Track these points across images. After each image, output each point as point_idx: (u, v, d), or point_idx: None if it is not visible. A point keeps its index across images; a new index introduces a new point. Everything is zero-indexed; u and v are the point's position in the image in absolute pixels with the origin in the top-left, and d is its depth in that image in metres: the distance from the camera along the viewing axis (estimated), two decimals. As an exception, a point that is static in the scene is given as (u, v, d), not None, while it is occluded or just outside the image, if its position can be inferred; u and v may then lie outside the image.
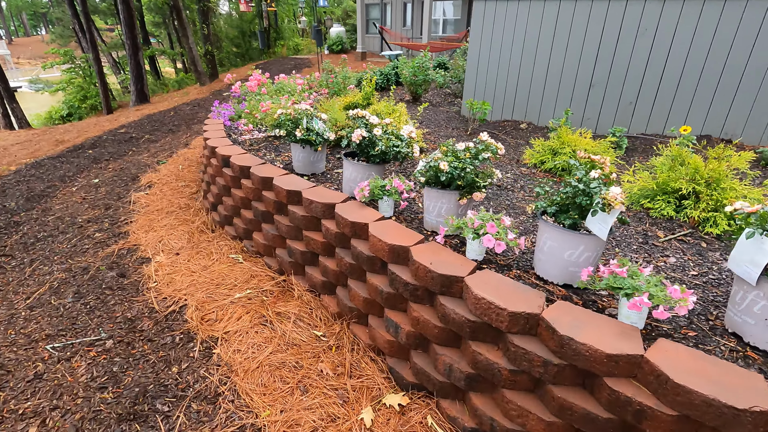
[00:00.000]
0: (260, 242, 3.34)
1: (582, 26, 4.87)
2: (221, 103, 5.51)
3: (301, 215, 2.87)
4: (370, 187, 2.69)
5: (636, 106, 4.88)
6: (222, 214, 3.84)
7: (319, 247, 2.81)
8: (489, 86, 5.73)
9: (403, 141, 3.04)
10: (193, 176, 5.57)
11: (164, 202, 4.67)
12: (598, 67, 4.93)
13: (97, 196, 5.13)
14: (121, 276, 3.32)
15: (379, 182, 2.69)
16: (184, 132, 8.21)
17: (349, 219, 2.49)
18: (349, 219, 2.49)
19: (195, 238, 3.79)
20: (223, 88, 14.56)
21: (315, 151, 3.54)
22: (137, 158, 6.69)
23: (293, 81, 6.39)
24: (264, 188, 3.24)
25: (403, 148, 2.99)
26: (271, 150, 4.21)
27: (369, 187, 2.69)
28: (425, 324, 2.05)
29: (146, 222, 4.22)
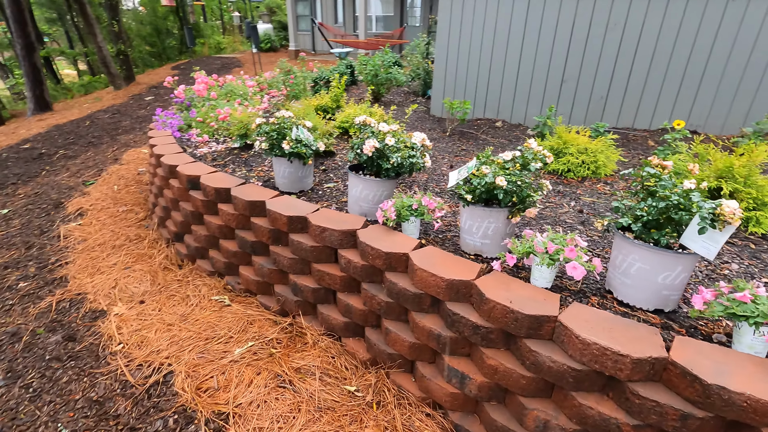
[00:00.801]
0: (251, 279, 2.78)
1: (553, 21, 4.81)
2: (164, 110, 4.72)
3: (310, 246, 2.39)
4: (396, 208, 2.29)
5: (607, 101, 4.93)
6: (192, 246, 3.19)
7: (337, 283, 2.36)
8: (459, 84, 5.52)
9: (416, 150, 2.67)
10: (135, 198, 4.73)
11: (106, 233, 3.85)
12: (569, 62, 4.91)
13: (10, 232, 4.13)
14: (69, 340, 2.59)
15: (405, 201, 2.30)
16: (109, 145, 7.09)
17: (382, 249, 2.08)
18: (382, 249, 2.08)
19: (160, 279, 3.11)
20: (143, 91, 13.09)
21: (303, 165, 3.05)
22: (54, 179, 5.59)
23: (240, 83, 5.71)
24: (253, 214, 2.69)
25: (418, 159, 2.62)
26: (239, 164, 3.61)
27: (395, 207, 2.29)
28: (507, 374, 1.71)
29: (87, 262, 3.42)
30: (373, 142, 2.50)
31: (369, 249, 2.13)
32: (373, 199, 2.59)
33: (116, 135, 7.64)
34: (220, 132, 4.35)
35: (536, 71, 5.09)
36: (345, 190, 3.16)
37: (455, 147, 4.36)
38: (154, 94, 12.21)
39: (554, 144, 3.59)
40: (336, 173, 3.48)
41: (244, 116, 3.83)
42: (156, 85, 13.92)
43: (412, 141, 2.67)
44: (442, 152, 4.12)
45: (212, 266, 3.09)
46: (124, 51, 14.65)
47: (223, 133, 4.34)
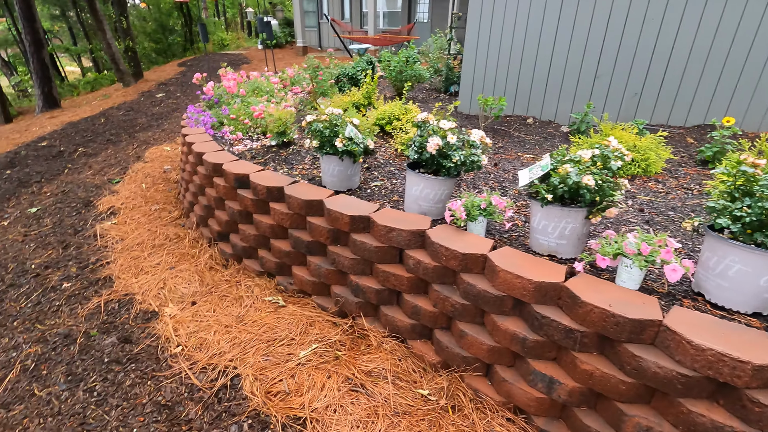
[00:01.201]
0: (306, 279, 2.73)
1: (587, 15, 4.74)
2: (205, 111, 4.65)
3: (375, 246, 2.34)
4: (466, 207, 2.24)
5: (641, 97, 4.87)
6: (238, 246, 3.14)
7: (403, 284, 2.31)
8: (488, 80, 5.46)
9: (477, 149, 2.61)
10: (165, 196, 4.67)
11: (143, 232, 3.80)
12: (603, 57, 4.84)
13: (44, 231, 4.08)
14: (125, 342, 2.54)
15: (476, 200, 2.25)
16: (128, 142, 7.02)
17: (459, 250, 2.03)
18: (459, 250, 2.03)
19: (208, 279, 3.06)
20: (152, 88, 13.01)
21: (353, 163, 3.00)
22: (78, 177, 5.54)
23: (263, 79, 5.64)
24: (309, 213, 2.64)
25: (479, 158, 2.56)
26: (279, 162, 3.56)
27: (464, 207, 2.24)
28: (603, 379, 1.66)
29: (129, 262, 3.37)
30: (437, 140, 2.44)
31: (443, 250, 2.08)
32: (434, 198, 2.54)
33: (134, 132, 7.57)
34: (254, 129, 4.29)
35: (569, 67, 5.02)
36: (393, 188, 3.11)
37: (492, 144, 4.30)
38: (164, 91, 12.13)
39: (599, 141, 3.53)
40: (380, 171, 3.43)
41: (283, 113, 3.77)
42: (165, 82, 13.84)
43: (471, 139, 2.62)
44: (481, 150, 4.06)
45: (261, 266, 3.04)
46: (132, 48, 14.54)
47: (257, 130, 4.28)
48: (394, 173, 3.40)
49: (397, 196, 2.98)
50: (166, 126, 7.77)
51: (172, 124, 7.88)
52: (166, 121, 8.20)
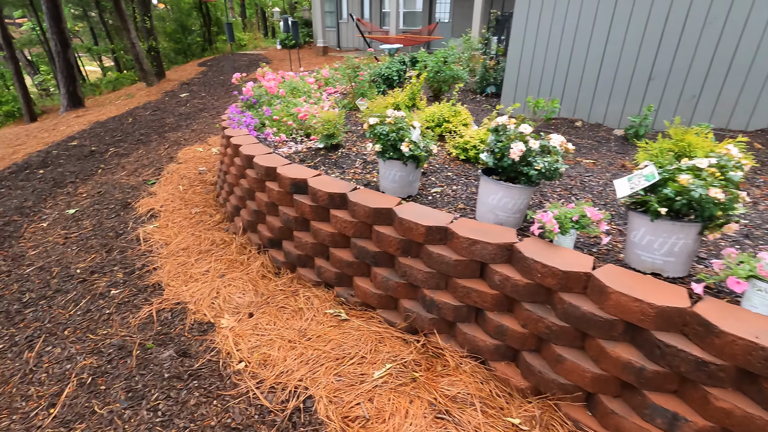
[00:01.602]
0: (370, 291, 2.58)
1: (644, 14, 4.51)
2: (244, 111, 4.53)
3: (454, 259, 2.17)
4: (559, 220, 2.06)
5: (699, 100, 4.63)
6: (293, 254, 3.00)
7: (486, 302, 2.14)
8: (534, 80, 5.26)
9: (558, 155, 2.43)
10: (203, 199, 4.56)
11: (187, 237, 3.68)
12: (659, 58, 4.61)
13: (84, 234, 3.99)
14: (183, 355, 2.41)
15: (568, 211, 2.07)
16: (159, 142, 6.96)
17: (558, 267, 1.85)
18: (558, 267, 1.85)
19: (262, 288, 2.92)
20: (175, 88, 13.02)
21: (416, 169, 2.84)
22: (113, 178, 5.47)
23: (299, 79, 5.52)
24: (377, 222, 2.48)
25: (561, 165, 2.38)
26: (330, 166, 3.41)
27: (556, 219, 2.06)
28: (745, 419, 1.47)
29: (177, 268, 3.25)
30: (521, 146, 2.27)
31: (538, 266, 1.91)
32: (512, 208, 2.37)
33: (163, 132, 7.51)
34: (297, 131, 4.16)
35: (621, 68, 4.80)
36: (455, 195, 2.94)
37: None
38: (188, 91, 12.12)
39: (671, 147, 3.32)
40: (436, 176, 3.26)
41: (331, 115, 3.63)
42: (187, 82, 13.85)
43: (551, 144, 2.44)
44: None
45: (318, 276, 2.89)
46: (156, 48, 14.60)
47: (300, 132, 4.15)
48: (451, 179, 3.23)
49: (462, 203, 2.81)
50: (195, 126, 7.70)
51: (201, 124, 7.81)
52: (195, 121, 8.14)
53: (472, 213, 2.67)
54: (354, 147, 3.88)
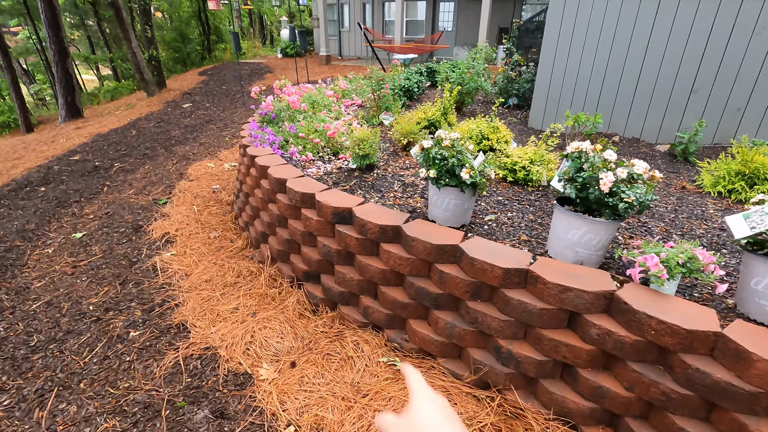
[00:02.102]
0: (429, 338, 2.28)
1: (687, 24, 4.29)
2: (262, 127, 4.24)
3: (539, 308, 1.88)
4: (666, 264, 1.78)
5: (744, 113, 4.39)
6: (333, 290, 2.69)
7: (580, 358, 1.84)
8: (566, 93, 5.01)
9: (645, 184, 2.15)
10: (220, 221, 4.26)
11: (208, 267, 3.37)
12: (702, 69, 4.38)
13: (94, 262, 3.67)
14: (220, 417, 2.10)
15: (675, 253, 1.79)
16: (166, 157, 6.65)
17: (680, 326, 1.56)
18: (680, 326, 1.56)
19: (301, 330, 2.61)
20: (177, 98, 12.74)
21: (471, 196, 2.56)
22: (120, 197, 5.15)
23: (315, 91, 5.25)
24: (439, 260, 2.19)
25: (650, 197, 2.11)
26: (367, 189, 3.13)
27: (664, 263, 1.78)
28: None
29: (201, 304, 2.94)
30: (611, 176, 1.99)
31: (652, 322, 1.62)
32: (596, 245, 2.09)
33: (170, 146, 7.20)
34: (325, 149, 3.87)
35: (660, 80, 4.57)
36: (513, 224, 2.66)
37: None
38: (191, 101, 11.83)
39: (739, 168, 3.06)
40: (486, 201, 2.98)
41: (366, 133, 3.35)
42: (189, 91, 13.58)
43: (635, 171, 2.16)
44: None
45: (365, 316, 2.58)
46: (156, 57, 14.33)
47: (328, 150, 3.86)
48: (503, 204, 2.95)
49: (524, 234, 2.53)
50: (203, 139, 7.40)
51: (208, 137, 7.51)
52: (202, 133, 7.84)
53: (539, 245, 2.39)
54: (388, 167, 3.59)
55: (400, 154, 3.95)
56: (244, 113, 8.96)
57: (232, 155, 6.31)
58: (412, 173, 3.48)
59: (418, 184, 3.26)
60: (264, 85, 13.61)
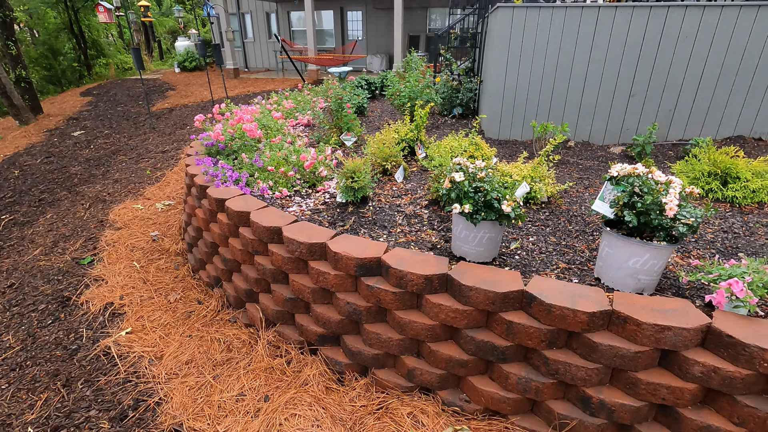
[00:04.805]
0: (498, 395, 2.01)
1: (621, 35, 4.61)
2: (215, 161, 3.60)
3: (634, 351, 1.73)
4: (754, 288, 1.74)
5: (674, 114, 4.86)
6: (365, 354, 2.29)
7: (682, 398, 1.72)
8: (519, 102, 5.11)
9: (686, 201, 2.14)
10: (175, 278, 3.56)
11: (185, 342, 2.74)
12: (637, 76, 4.75)
13: (12, 359, 2.78)
14: None
15: (760, 275, 1.76)
16: (73, 201, 5.51)
17: (797, 354, 1.51)
18: (797, 354, 1.51)
19: (336, 409, 2.16)
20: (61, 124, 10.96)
21: (505, 228, 2.37)
22: (24, 260, 4.09)
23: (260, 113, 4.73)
24: (503, 308, 1.94)
25: (708, 214, 2.09)
26: (369, 226, 2.80)
27: (751, 287, 1.74)
28: None
29: (193, 396, 2.33)
30: (675, 201, 1.92)
31: (765, 354, 1.55)
32: (658, 270, 2.02)
33: (74, 187, 6.00)
34: (299, 182, 3.41)
35: (603, 87, 4.87)
36: (540, 250, 2.53)
37: (554, 175, 3.90)
38: (81, 128, 10.22)
39: (711, 169, 3.30)
40: (501, 226, 2.82)
41: (356, 163, 2.99)
42: (75, 116, 11.79)
43: (677, 189, 2.14)
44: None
45: (409, 379, 2.24)
46: (26, 77, 12.12)
47: (302, 182, 3.42)
48: (519, 227, 2.81)
49: (561, 261, 2.40)
50: (117, 175, 6.30)
51: (123, 171, 6.42)
52: (112, 167, 6.68)
53: (583, 273, 2.27)
54: (380, 197, 3.27)
55: (382, 179, 3.65)
56: (159, 140, 7.87)
57: (162, 191, 5.42)
58: (408, 201, 3.20)
59: (421, 214, 2.99)
60: (168, 104, 12.26)
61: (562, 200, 3.26)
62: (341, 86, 5.24)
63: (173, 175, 5.94)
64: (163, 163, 6.44)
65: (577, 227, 2.81)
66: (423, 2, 15.67)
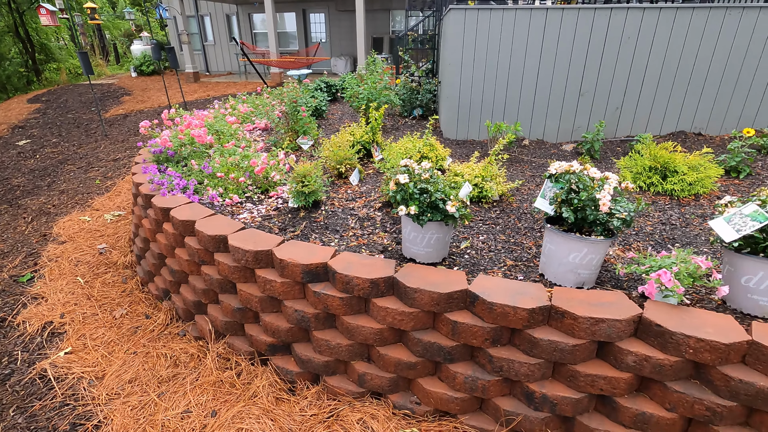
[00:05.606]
0: (447, 396, 2.01)
1: (569, 36, 4.76)
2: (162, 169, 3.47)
3: (572, 345, 1.77)
4: (679, 276, 1.82)
5: (622, 111, 5.06)
6: (315, 361, 2.25)
7: (618, 387, 1.77)
8: (474, 102, 5.19)
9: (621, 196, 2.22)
10: (123, 292, 3.41)
11: (129, 359, 2.61)
12: (586, 76, 4.92)
13: (-63, 387, 2.58)
14: None
15: (686, 265, 1.84)
16: (14, 215, 5.18)
17: (722, 342, 1.59)
18: (722, 342, 1.59)
19: (286, 421, 2.11)
20: (5, 133, 10.35)
21: (453, 227, 2.39)
22: None
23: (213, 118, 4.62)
24: (449, 309, 1.95)
25: (640, 207, 2.17)
26: (321, 231, 2.76)
27: (678, 276, 1.81)
28: None
29: (137, 417, 2.22)
30: (608, 196, 1.98)
31: (690, 341, 1.62)
32: (596, 264, 2.07)
33: (15, 200, 5.66)
34: (251, 188, 3.33)
35: (554, 86, 5.01)
36: (490, 248, 2.56)
37: (506, 173, 3.99)
38: (27, 137, 9.69)
39: (652, 164, 3.44)
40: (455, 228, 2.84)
41: (307, 167, 2.95)
42: (20, 125, 11.16)
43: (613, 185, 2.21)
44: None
45: (360, 384, 2.21)
46: (-35, 84, 11.37)
47: (254, 188, 3.34)
48: (470, 226, 2.84)
49: (509, 259, 2.44)
50: (63, 186, 5.98)
51: (71, 182, 6.10)
52: (59, 178, 6.35)
53: (529, 269, 2.31)
54: (334, 201, 3.24)
55: (337, 182, 3.61)
56: (111, 148, 7.54)
57: (111, 202, 5.19)
58: (362, 204, 3.18)
59: (374, 217, 2.98)
60: (123, 110, 11.80)
61: (514, 198, 3.32)
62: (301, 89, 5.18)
63: (125, 184, 5.70)
64: (115, 172, 6.17)
65: (526, 224, 2.87)
66: (385, 4, 15.72)
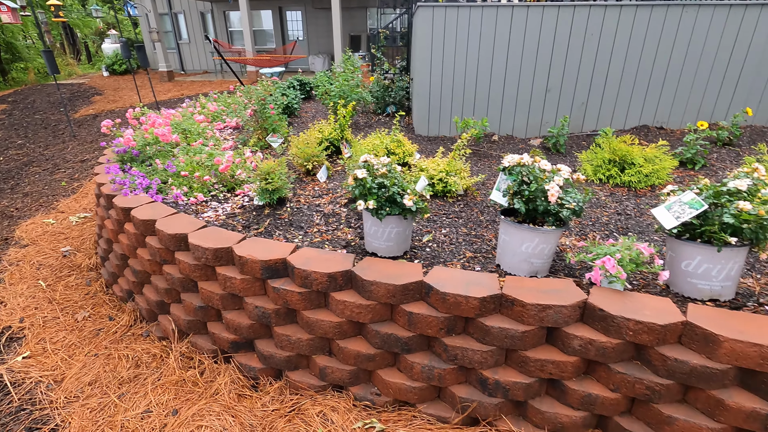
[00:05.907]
0: (405, 386, 2.05)
1: (534, 34, 4.86)
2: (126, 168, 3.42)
3: (521, 331, 1.83)
4: (622, 263, 1.89)
5: (587, 106, 5.19)
6: (276, 357, 2.26)
7: (566, 371, 1.84)
8: (445, 99, 5.25)
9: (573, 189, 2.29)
10: (86, 294, 3.35)
11: (90, 361, 2.57)
12: (552, 72, 5.02)
13: None
14: None
15: (629, 252, 1.92)
16: (-26, 218, 5.02)
17: (655, 322, 1.66)
18: (655, 322, 1.66)
19: (247, 417, 2.11)
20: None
21: (412, 221, 2.43)
22: None
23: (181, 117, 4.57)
24: (404, 300, 1.98)
25: (587, 197, 2.25)
26: (285, 227, 2.77)
27: (621, 263, 1.89)
28: None
29: (96, 419, 2.19)
30: (557, 188, 2.04)
31: (630, 324, 1.69)
32: (548, 253, 2.14)
33: None
34: (216, 186, 3.31)
35: (521, 83, 5.10)
36: (453, 242, 2.61)
37: (474, 168, 4.07)
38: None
39: (611, 156, 3.55)
40: (416, 221, 2.89)
41: (271, 164, 2.94)
42: (-16, 127, 10.75)
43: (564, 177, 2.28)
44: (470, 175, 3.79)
45: (322, 378, 2.23)
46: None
47: (220, 186, 3.32)
48: (433, 220, 2.89)
49: (469, 251, 2.49)
50: (27, 188, 5.82)
51: (35, 184, 5.94)
52: (22, 180, 6.17)
53: (487, 260, 2.37)
54: (300, 198, 3.24)
55: (305, 180, 3.62)
56: (79, 149, 7.36)
57: (78, 204, 5.07)
58: (329, 200, 3.20)
59: (339, 213, 3.00)
60: (93, 110, 11.52)
61: (479, 192, 3.38)
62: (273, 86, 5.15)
63: (92, 185, 5.58)
64: (82, 174, 6.03)
65: (488, 217, 2.93)
66: (362, 2, 15.69)
